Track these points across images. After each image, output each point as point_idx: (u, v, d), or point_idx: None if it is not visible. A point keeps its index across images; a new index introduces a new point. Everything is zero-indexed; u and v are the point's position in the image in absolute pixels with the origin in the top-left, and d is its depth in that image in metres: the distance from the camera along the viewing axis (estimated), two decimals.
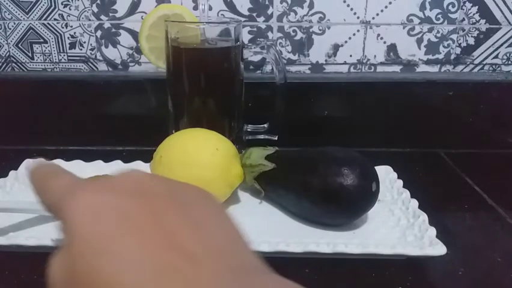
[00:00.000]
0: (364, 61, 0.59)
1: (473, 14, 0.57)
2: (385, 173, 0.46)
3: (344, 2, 0.56)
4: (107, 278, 0.16)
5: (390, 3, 0.56)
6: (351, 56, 0.58)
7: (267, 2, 0.56)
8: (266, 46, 0.48)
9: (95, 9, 0.56)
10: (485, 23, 0.57)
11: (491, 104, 0.58)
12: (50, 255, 0.18)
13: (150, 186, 0.19)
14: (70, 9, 0.56)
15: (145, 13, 0.56)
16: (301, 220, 0.40)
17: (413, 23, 0.57)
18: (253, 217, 0.41)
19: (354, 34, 0.57)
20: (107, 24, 0.57)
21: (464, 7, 0.57)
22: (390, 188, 0.45)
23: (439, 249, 0.34)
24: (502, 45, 0.58)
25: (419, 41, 0.58)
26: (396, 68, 0.59)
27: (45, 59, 0.59)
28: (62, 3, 0.56)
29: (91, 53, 0.58)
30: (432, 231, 0.36)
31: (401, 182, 0.45)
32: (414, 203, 0.41)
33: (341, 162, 0.38)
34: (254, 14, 0.56)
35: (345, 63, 0.59)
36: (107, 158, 0.49)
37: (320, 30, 0.57)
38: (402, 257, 0.35)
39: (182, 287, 0.15)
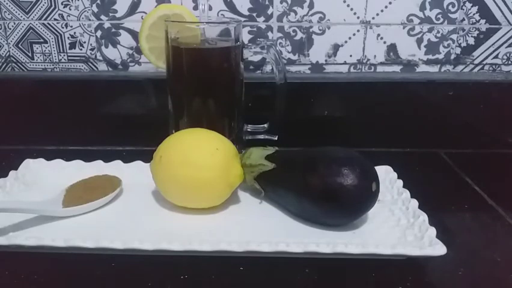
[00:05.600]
0: (364, 61, 0.59)
1: (473, 14, 0.57)
2: (385, 173, 0.46)
3: (344, 2, 0.56)
4: None
5: (390, 3, 0.56)
6: (351, 56, 0.58)
7: (267, 2, 0.56)
8: (266, 46, 0.48)
9: (95, 9, 0.56)
10: (485, 23, 0.57)
11: (491, 104, 0.58)
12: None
13: None
14: (70, 9, 0.56)
15: (145, 13, 0.56)
16: (301, 220, 0.40)
17: (413, 23, 0.57)
18: (253, 217, 0.42)
19: (354, 34, 0.57)
20: (107, 24, 0.57)
21: (464, 7, 0.57)
22: (390, 188, 0.45)
23: (439, 249, 0.34)
24: (502, 45, 0.58)
25: (419, 41, 0.58)
26: (396, 68, 0.59)
27: (45, 59, 0.59)
28: (62, 3, 0.56)
29: (91, 53, 0.58)
30: (432, 231, 0.36)
31: (401, 182, 0.45)
32: (414, 203, 0.41)
33: (341, 162, 0.38)
34: (254, 14, 0.56)
35: (345, 63, 0.59)
36: (107, 158, 0.49)
37: (319, 30, 0.57)
38: (402, 257, 0.35)
39: None
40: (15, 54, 0.59)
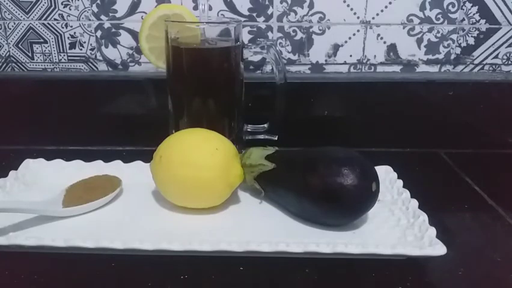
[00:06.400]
0: (364, 61, 0.59)
1: (473, 14, 0.57)
2: (385, 173, 0.46)
3: (344, 2, 0.56)
4: None
5: (390, 3, 0.56)
6: (351, 56, 0.58)
7: (267, 2, 0.56)
8: (266, 46, 0.48)
9: (95, 9, 0.56)
10: (485, 23, 0.57)
11: (491, 104, 0.58)
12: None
13: None
14: (70, 9, 0.56)
15: (145, 13, 0.56)
16: (301, 220, 0.40)
17: (413, 23, 0.57)
18: (253, 217, 0.42)
19: (354, 34, 0.57)
20: (107, 24, 0.57)
21: (464, 7, 0.57)
22: (390, 188, 0.45)
23: (439, 249, 0.34)
24: (502, 45, 0.58)
25: (419, 41, 0.58)
26: (396, 68, 0.59)
27: (45, 59, 0.59)
28: (62, 3, 0.56)
29: (91, 53, 0.58)
30: (432, 231, 0.36)
31: (401, 182, 0.45)
32: (414, 203, 0.41)
33: (341, 162, 0.38)
34: (254, 14, 0.56)
35: (345, 63, 0.59)
36: (107, 158, 0.49)
37: (319, 30, 0.57)
38: (402, 257, 0.35)
39: None
40: (15, 54, 0.59)
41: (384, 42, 0.58)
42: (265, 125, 0.52)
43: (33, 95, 0.58)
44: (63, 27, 0.57)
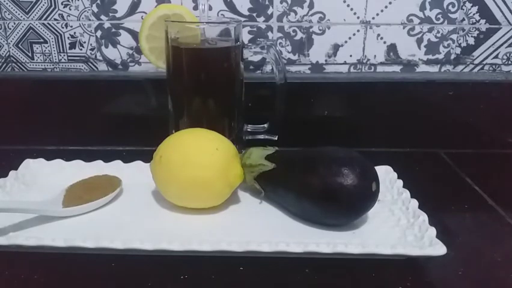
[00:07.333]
0: (364, 61, 0.59)
1: (473, 14, 0.57)
2: (385, 173, 0.46)
3: (344, 2, 0.56)
4: None
5: (390, 3, 0.56)
6: (351, 56, 0.58)
7: (267, 2, 0.56)
8: (266, 46, 0.48)
9: (95, 9, 0.56)
10: (485, 23, 0.57)
11: (491, 104, 0.58)
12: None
13: None
14: (70, 9, 0.56)
15: (145, 13, 0.56)
16: (301, 220, 0.40)
17: (413, 23, 0.57)
18: (253, 217, 0.42)
19: (354, 34, 0.57)
20: (107, 24, 0.57)
21: (464, 7, 0.57)
22: (390, 188, 0.45)
23: (439, 249, 0.34)
24: (502, 45, 0.58)
25: (419, 41, 0.58)
26: (396, 68, 0.59)
27: (45, 59, 0.59)
28: (62, 3, 0.56)
29: (91, 53, 0.58)
30: (432, 231, 0.36)
31: (401, 182, 0.45)
32: (414, 203, 0.41)
33: (341, 162, 0.38)
34: (254, 14, 0.56)
35: (345, 63, 0.59)
36: (107, 158, 0.49)
37: (319, 30, 0.57)
38: (402, 257, 0.35)
39: None
40: (15, 54, 0.59)
41: (384, 42, 0.58)
42: (265, 125, 0.52)
43: (33, 95, 0.58)
44: (63, 27, 0.57)
